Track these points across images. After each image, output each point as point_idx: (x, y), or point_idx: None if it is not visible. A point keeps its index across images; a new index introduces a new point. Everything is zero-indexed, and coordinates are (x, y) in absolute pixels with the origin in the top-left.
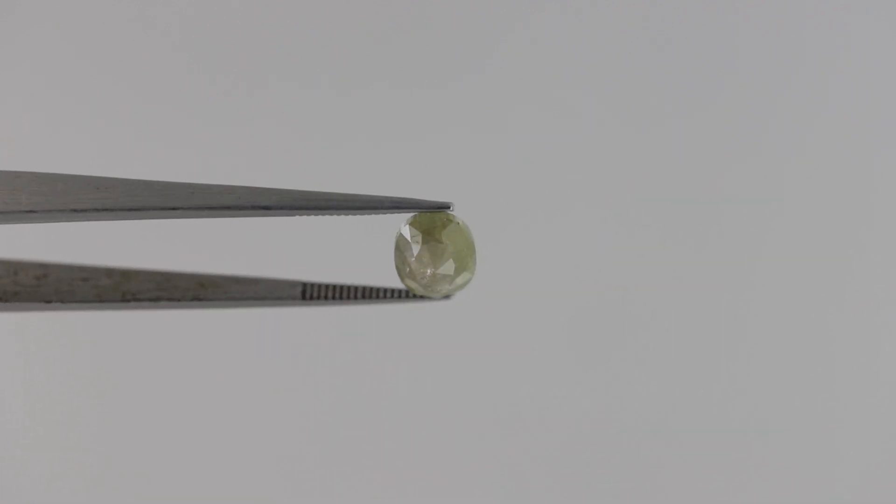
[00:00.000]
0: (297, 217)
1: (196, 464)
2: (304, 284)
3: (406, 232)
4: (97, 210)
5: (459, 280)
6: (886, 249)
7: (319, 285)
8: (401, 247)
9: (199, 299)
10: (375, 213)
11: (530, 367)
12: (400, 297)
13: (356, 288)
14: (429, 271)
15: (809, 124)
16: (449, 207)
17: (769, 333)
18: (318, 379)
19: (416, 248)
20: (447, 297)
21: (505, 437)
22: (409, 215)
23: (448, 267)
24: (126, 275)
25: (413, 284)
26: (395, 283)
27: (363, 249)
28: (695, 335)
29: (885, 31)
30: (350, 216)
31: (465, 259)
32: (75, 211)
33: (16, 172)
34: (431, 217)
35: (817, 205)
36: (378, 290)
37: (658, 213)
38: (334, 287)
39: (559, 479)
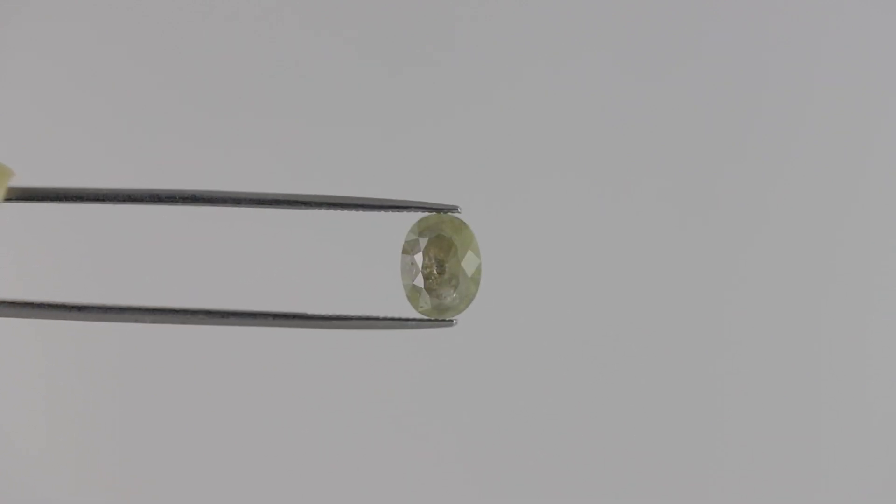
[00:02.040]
0: (311, 217)
1: (201, 469)
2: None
3: (414, 230)
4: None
5: (464, 287)
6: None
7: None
8: (408, 246)
9: (206, 314)
10: (384, 212)
11: (530, 370)
12: (404, 321)
13: (358, 316)
14: (435, 270)
15: (799, 122)
16: (456, 209)
17: (767, 335)
18: (325, 386)
19: (423, 242)
20: (451, 321)
21: (505, 440)
22: (417, 218)
23: (455, 264)
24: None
25: (417, 291)
26: (399, 300)
27: (371, 254)
28: (692, 335)
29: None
30: (359, 214)
31: (472, 262)
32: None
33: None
34: (440, 217)
35: (808, 206)
36: (380, 317)
37: (657, 214)
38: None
39: (560, 480)
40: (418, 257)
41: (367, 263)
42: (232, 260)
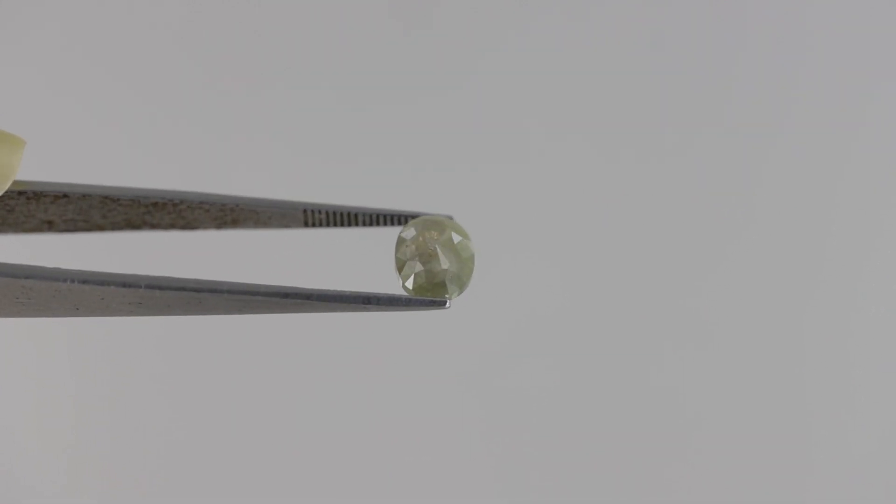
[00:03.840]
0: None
1: (196, 466)
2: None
3: (408, 225)
4: None
5: (458, 265)
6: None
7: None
8: (402, 236)
9: (200, 291)
10: (376, 228)
11: (523, 368)
12: (398, 302)
13: (352, 294)
14: (430, 246)
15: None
16: (450, 219)
17: (761, 335)
18: (316, 380)
19: (418, 228)
20: (445, 303)
21: (499, 438)
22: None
23: (448, 242)
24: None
25: (411, 269)
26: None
27: (363, 263)
28: (687, 333)
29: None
30: (352, 229)
31: (466, 247)
32: None
33: None
34: (433, 216)
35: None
36: (375, 295)
37: (653, 222)
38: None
39: (554, 479)
40: (412, 239)
41: (359, 268)
42: (225, 254)
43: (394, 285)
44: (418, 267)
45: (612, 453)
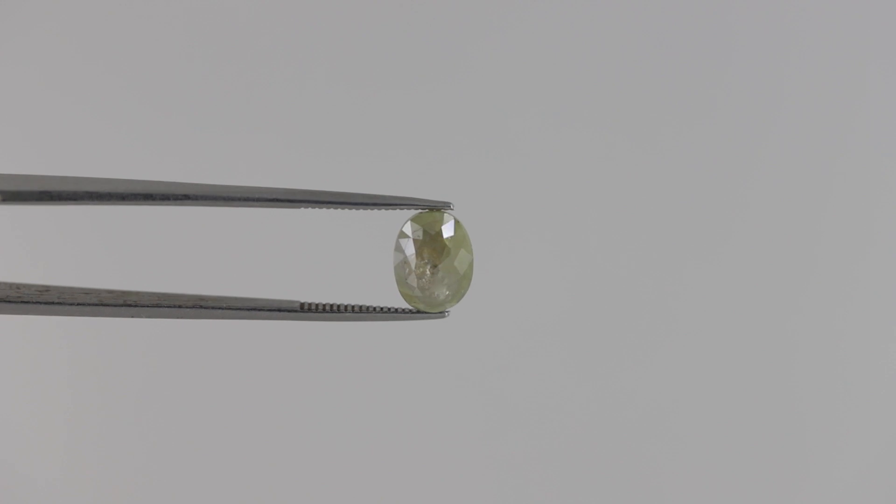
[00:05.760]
0: (303, 217)
1: (191, 461)
2: (302, 304)
3: (407, 228)
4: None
5: (456, 285)
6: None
7: (316, 304)
8: (401, 244)
9: (200, 307)
10: (376, 209)
11: (525, 370)
12: (396, 312)
13: (352, 306)
14: (428, 270)
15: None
16: (449, 206)
17: (763, 336)
18: (318, 382)
19: (416, 244)
20: (443, 313)
21: (499, 440)
22: (409, 216)
23: (447, 264)
24: (127, 292)
25: (410, 289)
26: (392, 295)
27: (364, 250)
28: (687, 335)
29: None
30: (351, 211)
31: (464, 260)
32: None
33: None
34: (432, 215)
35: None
36: (374, 307)
37: (652, 220)
38: (331, 305)
39: (552, 480)
40: (411, 257)
41: (359, 257)
42: (224, 254)
43: (390, 263)
44: (416, 291)
45: (614, 458)
